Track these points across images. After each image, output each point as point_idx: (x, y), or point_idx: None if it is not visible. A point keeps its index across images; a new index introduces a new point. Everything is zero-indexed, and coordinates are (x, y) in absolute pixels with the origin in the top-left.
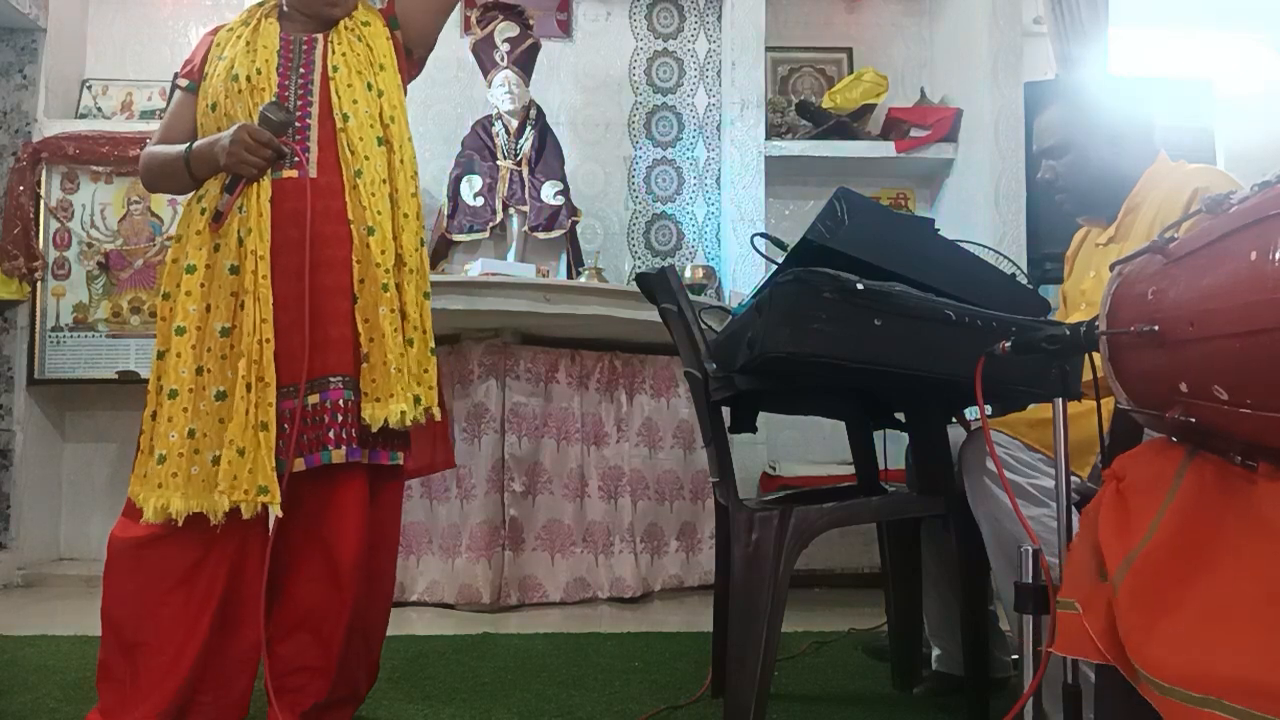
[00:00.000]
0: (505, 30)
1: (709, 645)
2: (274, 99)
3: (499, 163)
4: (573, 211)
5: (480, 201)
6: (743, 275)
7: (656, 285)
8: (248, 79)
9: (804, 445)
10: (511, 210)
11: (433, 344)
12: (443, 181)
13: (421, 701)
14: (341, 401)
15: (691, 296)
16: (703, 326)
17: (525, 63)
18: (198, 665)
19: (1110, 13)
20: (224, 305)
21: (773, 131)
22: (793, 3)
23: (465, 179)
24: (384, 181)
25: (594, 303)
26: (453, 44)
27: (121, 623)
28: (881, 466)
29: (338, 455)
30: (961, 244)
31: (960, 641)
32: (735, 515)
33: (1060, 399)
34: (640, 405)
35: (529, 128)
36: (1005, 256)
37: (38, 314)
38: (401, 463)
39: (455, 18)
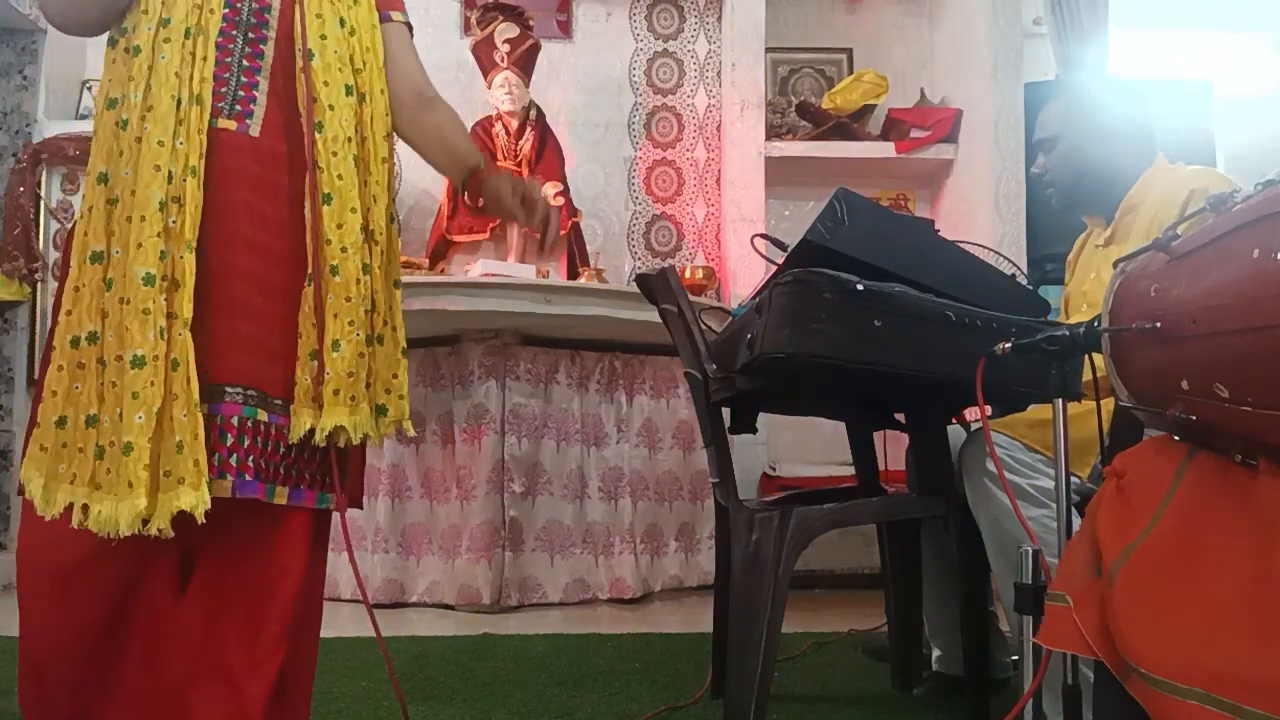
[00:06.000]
0: (505, 31)
1: (709, 646)
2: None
3: (499, 163)
4: (573, 212)
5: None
6: (743, 276)
7: (656, 286)
8: None
9: (804, 446)
10: None
11: (404, 343)
12: (442, 181)
13: (421, 701)
14: (235, 420)
15: (691, 297)
16: (703, 327)
17: (525, 63)
18: None
19: (1110, 13)
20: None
21: (773, 132)
22: (793, 3)
23: None
24: (349, 140)
25: (594, 303)
26: (453, 45)
27: None
28: (881, 467)
29: (221, 488)
30: (961, 244)
31: (960, 642)
32: (735, 516)
33: (1060, 400)
34: (640, 406)
35: (529, 128)
36: (1005, 257)
37: (38, 315)
38: (329, 507)
39: (455, 19)
